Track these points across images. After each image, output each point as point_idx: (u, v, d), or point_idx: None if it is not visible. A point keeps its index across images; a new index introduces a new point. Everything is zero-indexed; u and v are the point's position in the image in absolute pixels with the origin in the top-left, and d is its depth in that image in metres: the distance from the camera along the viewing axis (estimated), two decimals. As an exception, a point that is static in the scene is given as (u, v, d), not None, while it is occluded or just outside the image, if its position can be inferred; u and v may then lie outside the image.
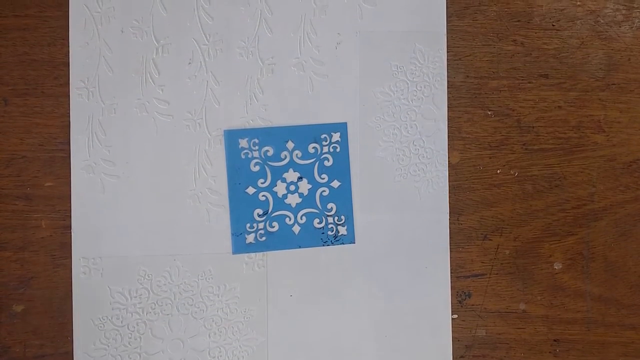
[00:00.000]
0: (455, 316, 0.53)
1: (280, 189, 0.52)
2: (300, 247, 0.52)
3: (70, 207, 0.51)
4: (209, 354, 0.52)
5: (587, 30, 0.54)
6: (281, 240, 0.52)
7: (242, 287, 0.52)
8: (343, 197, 0.53)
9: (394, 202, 0.53)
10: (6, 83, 0.51)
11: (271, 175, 0.52)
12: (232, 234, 0.52)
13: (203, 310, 0.52)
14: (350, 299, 0.53)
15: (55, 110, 0.51)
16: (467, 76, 0.54)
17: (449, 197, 0.53)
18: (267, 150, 0.52)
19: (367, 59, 0.53)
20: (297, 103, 0.52)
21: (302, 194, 0.52)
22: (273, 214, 0.52)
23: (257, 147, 0.52)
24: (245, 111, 0.52)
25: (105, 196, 0.51)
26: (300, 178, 0.52)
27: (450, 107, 0.53)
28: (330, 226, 0.53)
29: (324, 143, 0.52)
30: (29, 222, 0.51)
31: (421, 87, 0.53)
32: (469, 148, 0.54)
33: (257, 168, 0.52)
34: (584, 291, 0.54)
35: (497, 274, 0.54)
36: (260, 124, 0.52)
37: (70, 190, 0.51)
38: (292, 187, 0.52)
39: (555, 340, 0.54)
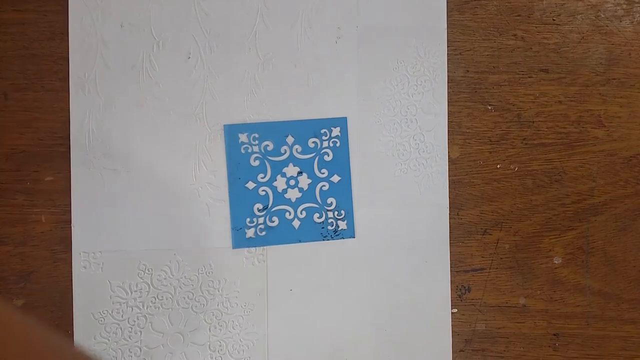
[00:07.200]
0: (455, 310, 0.53)
1: (280, 183, 0.52)
2: (300, 241, 0.52)
3: (70, 201, 0.51)
4: (209, 348, 0.52)
5: (588, 25, 0.54)
6: (281, 234, 0.52)
7: (242, 282, 0.52)
8: (343, 192, 0.53)
9: (394, 197, 0.53)
10: (6, 78, 0.51)
11: (271, 170, 0.52)
12: (232, 229, 0.52)
13: (203, 305, 0.52)
14: (350, 293, 0.53)
15: (55, 105, 0.51)
16: (468, 71, 0.53)
17: (449, 191, 0.53)
18: (267, 145, 0.52)
19: (367, 54, 0.53)
20: (296, 98, 0.52)
21: (302, 188, 0.52)
22: (273, 209, 0.52)
23: (257, 142, 0.52)
24: (244, 106, 0.52)
25: (105, 190, 0.51)
26: (300, 173, 0.52)
27: (450, 102, 0.53)
28: (330, 221, 0.53)
29: (324, 138, 0.52)
30: (29, 217, 0.51)
31: (421, 81, 0.53)
32: (469, 143, 0.54)
33: (257, 163, 0.52)
34: (583, 286, 0.54)
35: (496, 268, 0.54)
36: (260, 118, 0.52)
37: (70, 185, 0.51)
38: (292, 182, 0.52)
39: (554, 335, 0.54)
